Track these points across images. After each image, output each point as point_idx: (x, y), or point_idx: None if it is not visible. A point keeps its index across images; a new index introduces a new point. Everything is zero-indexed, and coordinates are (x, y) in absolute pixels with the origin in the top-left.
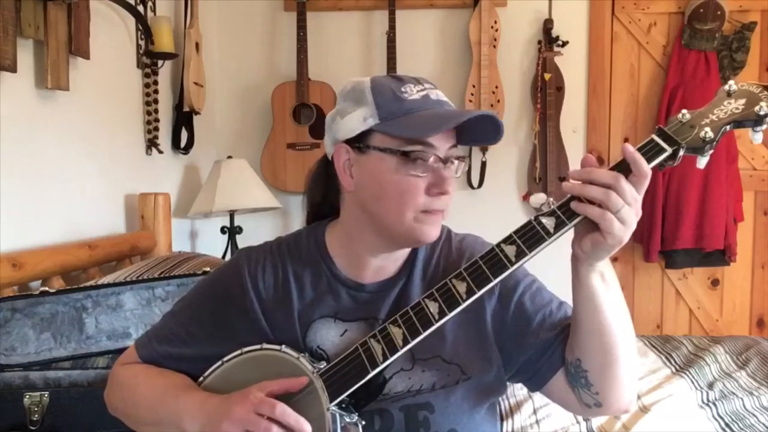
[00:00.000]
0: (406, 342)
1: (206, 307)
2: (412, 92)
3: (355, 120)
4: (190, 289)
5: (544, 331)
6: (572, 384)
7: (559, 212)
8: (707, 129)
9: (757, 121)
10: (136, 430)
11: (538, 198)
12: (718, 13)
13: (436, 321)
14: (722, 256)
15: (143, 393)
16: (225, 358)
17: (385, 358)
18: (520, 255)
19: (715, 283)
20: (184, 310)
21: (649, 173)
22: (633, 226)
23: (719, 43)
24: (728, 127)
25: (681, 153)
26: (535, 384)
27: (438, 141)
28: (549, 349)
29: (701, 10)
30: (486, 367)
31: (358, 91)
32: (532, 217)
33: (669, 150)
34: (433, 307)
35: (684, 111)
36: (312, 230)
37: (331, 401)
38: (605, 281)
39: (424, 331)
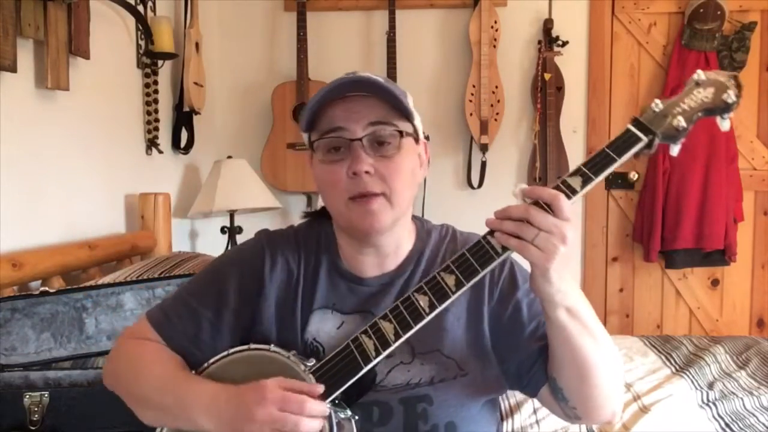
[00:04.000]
0: (398, 336)
1: (232, 284)
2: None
3: (302, 131)
4: (207, 267)
5: (536, 340)
6: (554, 396)
7: (542, 203)
8: (680, 118)
9: (724, 108)
10: (134, 408)
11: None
12: (718, 13)
13: (427, 314)
14: (722, 256)
15: (152, 373)
16: (210, 361)
17: (378, 354)
18: (506, 246)
19: (715, 283)
20: (207, 287)
21: (553, 196)
22: (554, 252)
23: (719, 43)
24: (699, 115)
25: (656, 142)
26: (531, 391)
27: (346, 122)
28: (541, 357)
29: (701, 10)
30: (483, 366)
31: None
32: None
33: (645, 139)
34: (423, 301)
35: (657, 101)
36: (326, 221)
37: (324, 399)
38: (573, 315)
39: (415, 325)
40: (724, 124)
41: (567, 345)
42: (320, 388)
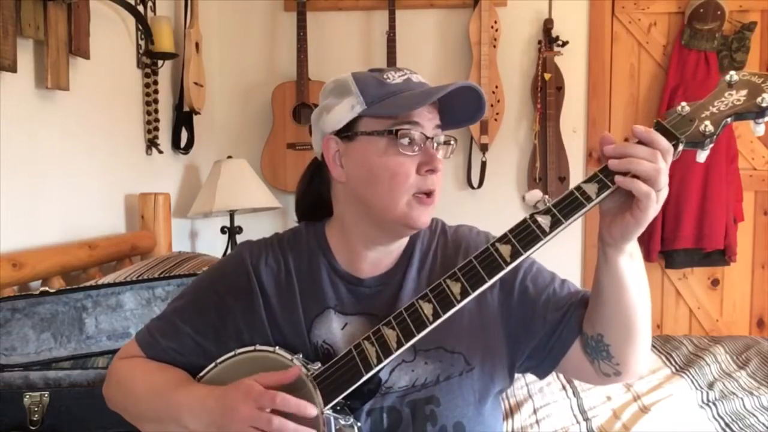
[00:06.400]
0: (400, 344)
1: (212, 302)
2: (394, 77)
3: (343, 110)
4: (191, 283)
5: (550, 313)
6: (592, 357)
7: (554, 210)
8: (707, 123)
9: (759, 113)
10: (135, 425)
11: (534, 195)
12: (718, 13)
13: (430, 323)
14: (722, 256)
15: (142, 388)
16: (218, 360)
17: (379, 361)
18: (515, 255)
19: (715, 283)
20: (188, 306)
21: (671, 147)
22: (658, 179)
23: (719, 43)
24: (729, 120)
25: (680, 148)
26: (548, 366)
27: (423, 119)
28: (557, 330)
29: (701, 10)
30: (489, 357)
31: (340, 85)
32: (528, 215)
33: (668, 141)
34: (427, 309)
35: (683, 104)
36: (311, 225)
37: (324, 405)
38: (633, 259)
39: (418, 333)
40: (758, 129)
41: (622, 293)
42: (294, 371)
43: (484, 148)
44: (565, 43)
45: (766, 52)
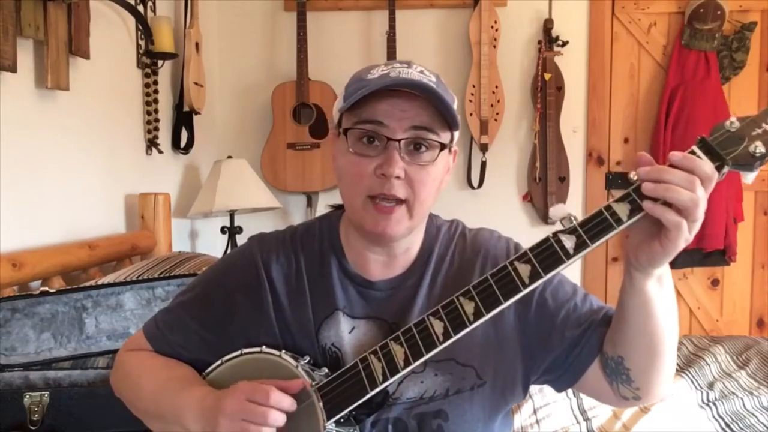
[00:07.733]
0: (407, 363)
1: (219, 298)
2: (375, 73)
3: (335, 109)
4: (200, 276)
5: (570, 329)
6: (611, 378)
7: (581, 230)
8: (758, 143)
9: None
10: (142, 419)
11: (559, 211)
12: (718, 13)
13: (440, 343)
14: (722, 256)
15: (146, 385)
16: (224, 358)
17: (385, 379)
18: (534, 277)
19: (715, 283)
20: (195, 300)
21: (714, 173)
22: (695, 211)
23: (719, 43)
24: None
25: (726, 170)
26: (565, 382)
27: (390, 119)
28: (576, 346)
29: (701, 10)
30: (502, 372)
31: None
32: (551, 234)
33: (711, 166)
34: (438, 327)
35: (733, 119)
36: (326, 220)
37: (328, 419)
38: (661, 284)
39: (427, 352)
40: None
41: (648, 318)
42: (298, 383)
43: (484, 148)
44: (565, 43)
45: (766, 52)
